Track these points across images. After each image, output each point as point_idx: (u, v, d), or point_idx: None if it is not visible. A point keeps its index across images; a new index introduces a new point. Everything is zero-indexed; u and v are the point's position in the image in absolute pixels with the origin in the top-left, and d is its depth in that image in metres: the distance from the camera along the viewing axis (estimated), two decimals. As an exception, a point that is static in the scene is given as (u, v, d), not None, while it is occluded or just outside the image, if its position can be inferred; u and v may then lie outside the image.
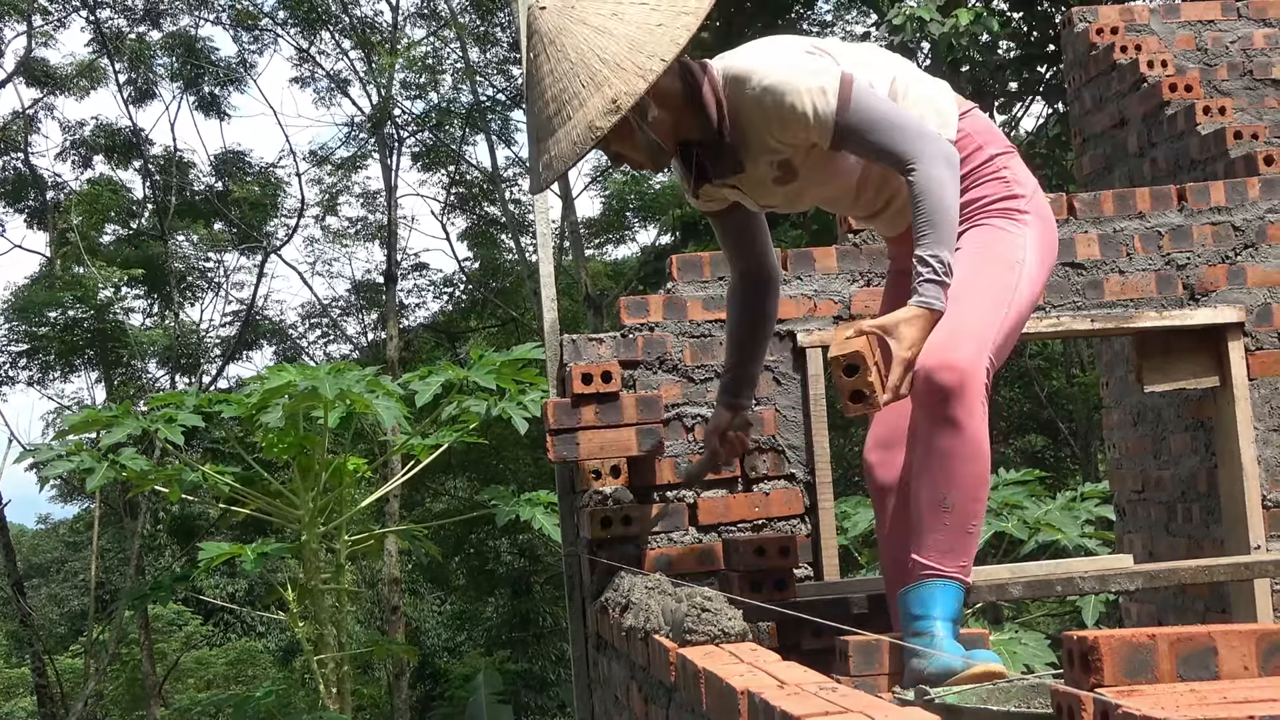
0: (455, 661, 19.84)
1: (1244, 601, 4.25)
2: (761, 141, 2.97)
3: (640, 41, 2.78)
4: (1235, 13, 5.84)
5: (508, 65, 21.19)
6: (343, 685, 7.07)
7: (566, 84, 2.80)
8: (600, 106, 2.75)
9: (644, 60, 2.76)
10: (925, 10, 11.14)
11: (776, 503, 3.87)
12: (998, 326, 2.85)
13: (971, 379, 2.74)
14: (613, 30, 2.80)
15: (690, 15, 2.81)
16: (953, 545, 2.76)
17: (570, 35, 2.82)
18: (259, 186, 21.48)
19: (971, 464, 2.76)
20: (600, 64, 2.77)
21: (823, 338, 3.94)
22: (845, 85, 2.86)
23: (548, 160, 2.85)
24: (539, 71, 2.86)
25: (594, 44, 2.79)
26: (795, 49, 2.96)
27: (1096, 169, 6.00)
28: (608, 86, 2.75)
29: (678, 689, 2.30)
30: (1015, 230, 2.97)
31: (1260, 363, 4.21)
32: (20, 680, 20.83)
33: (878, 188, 3.06)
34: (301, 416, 6.47)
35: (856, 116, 2.85)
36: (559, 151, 2.81)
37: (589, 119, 2.76)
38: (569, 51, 2.81)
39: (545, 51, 2.85)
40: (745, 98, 2.91)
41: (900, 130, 2.85)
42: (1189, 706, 1.39)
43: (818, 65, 2.89)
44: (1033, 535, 7.26)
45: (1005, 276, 2.91)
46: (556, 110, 2.81)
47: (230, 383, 20.16)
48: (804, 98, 2.85)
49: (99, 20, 19.71)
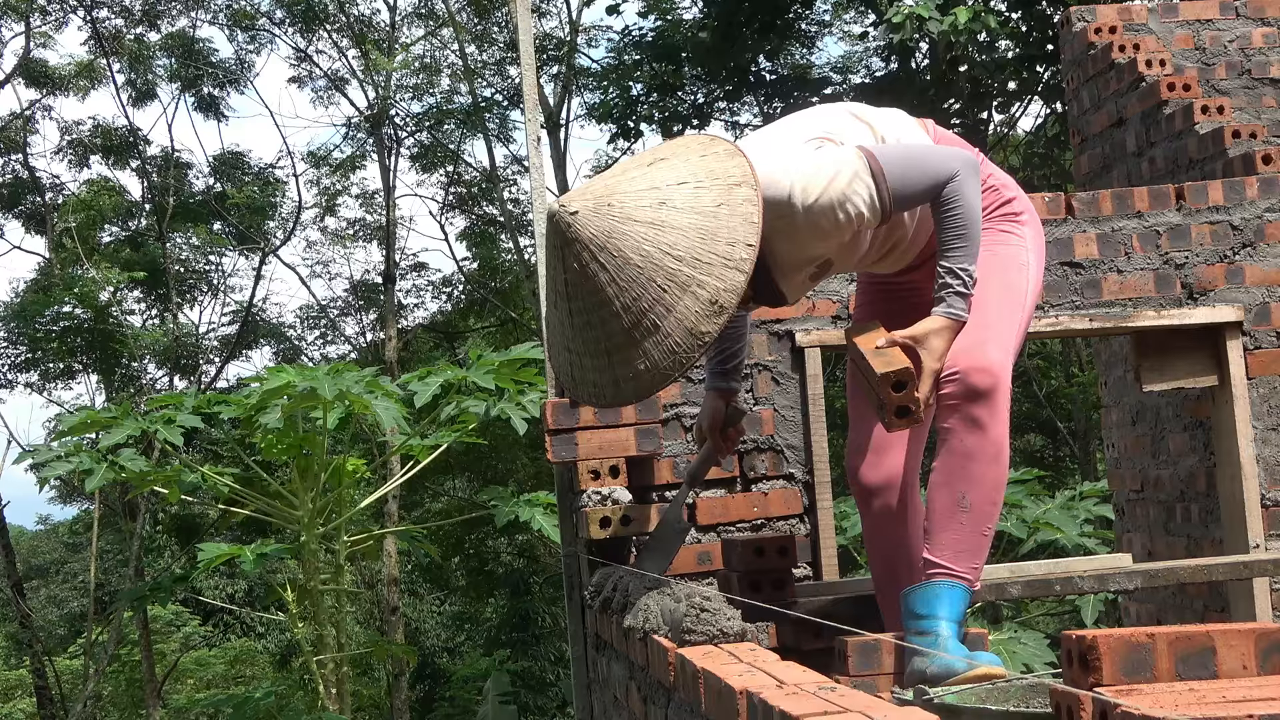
0: (455, 662, 19.85)
1: (1243, 601, 4.25)
2: (804, 256, 2.85)
3: (711, 230, 2.56)
4: (1233, 12, 5.85)
5: (505, 65, 21.18)
6: (342, 686, 7.07)
7: (641, 291, 2.54)
8: (699, 309, 2.53)
9: (728, 250, 2.55)
10: (924, 9, 11.15)
11: (775, 503, 3.87)
12: (1016, 329, 2.90)
13: (1002, 382, 2.78)
14: (673, 223, 2.57)
15: (744, 186, 2.62)
16: (966, 546, 2.77)
17: (625, 238, 2.55)
18: (257, 188, 21.47)
19: (993, 466, 2.78)
20: (677, 263, 2.54)
21: (821, 337, 3.94)
22: (871, 161, 2.77)
23: (635, 374, 2.60)
24: (593, 282, 2.56)
25: (659, 242, 2.55)
26: (805, 147, 2.83)
27: (1095, 168, 6.00)
28: (699, 287, 2.53)
29: (677, 689, 2.30)
30: (1016, 232, 3.02)
31: (1259, 362, 4.21)
32: (19, 681, 20.81)
33: (883, 241, 3.04)
34: (300, 417, 6.47)
35: (895, 182, 2.76)
36: (652, 363, 2.56)
37: (688, 325, 2.54)
38: (631, 255, 2.55)
39: (597, 260, 2.55)
40: (784, 222, 2.74)
41: (930, 163, 2.82)
42: (1188, 706, 1.39)
43: (838, 159, 2.77)
44: (1032, 534, 7.26)
45: (1016, 280, 2.95)
46: (635, 322, 2.55)
47: (229, 383, 20.16)
48: (850, 200, 2.73)
49: (95, 20, 19.69)
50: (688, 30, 15.06)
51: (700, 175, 2.64)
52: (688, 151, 2.72)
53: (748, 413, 3.34)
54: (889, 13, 11.29)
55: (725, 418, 3.25)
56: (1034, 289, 3.00)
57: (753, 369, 3.92)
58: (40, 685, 17.37)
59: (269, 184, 21.82)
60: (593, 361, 2.65)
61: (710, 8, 14.08)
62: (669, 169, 2.67)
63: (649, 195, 2.60)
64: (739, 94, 15.84)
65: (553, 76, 20.58)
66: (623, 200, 2.59)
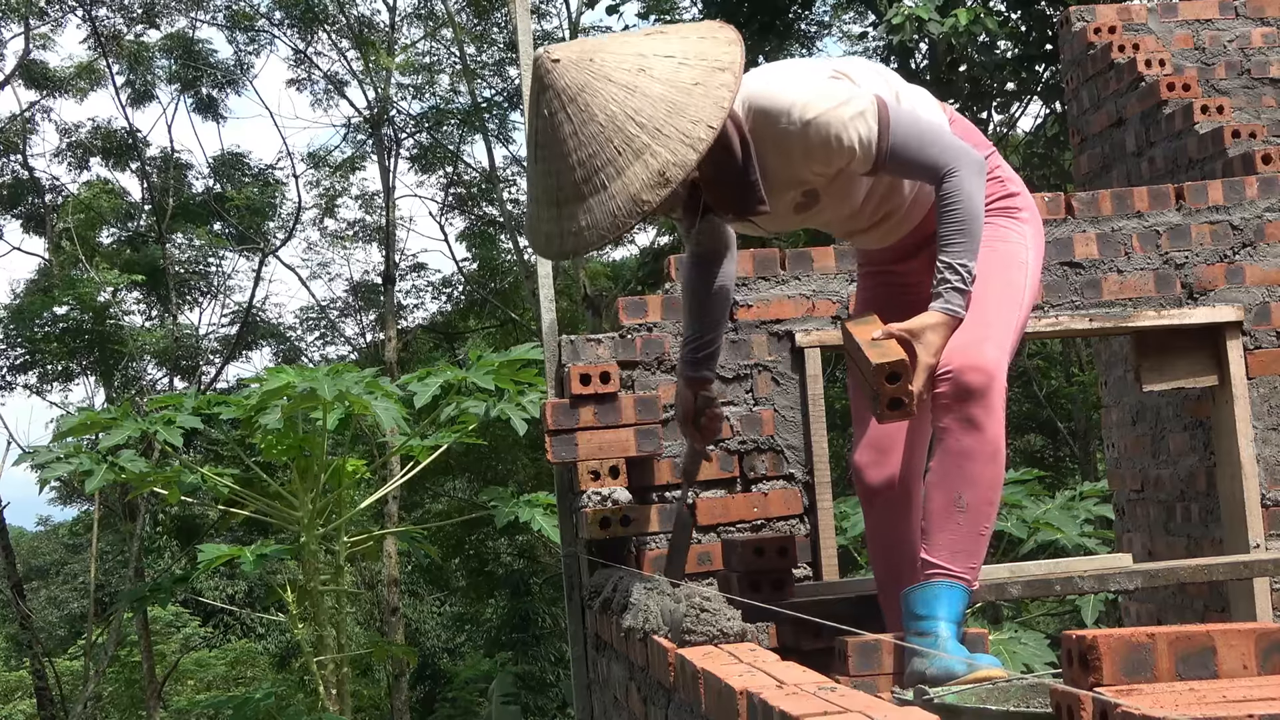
0: (456, 663, 19.84)
1: (1243, 600, 4.25)
2: (793, 174, 2.86)
3: (680, 105, 2.57)
4: (1233, 11, 5.85)
5: (504, 66, 21.18)
6: (342, 687, 7.07)
7: (598, 148, 2.57)
8: (645, 178, 2.54)
9: (689, 126, 2.55)
10: (924, 10, 11.14)
11: (775, 503, 3.87)
12: (1014, 328, 2.89)
13: (997, 381, 2.78)
14: (645, 90, 2.58)
15: (727, 72, 2.62)
16: (964, 546, 2.76)
17: (595, 94, 2.58)
18: (257, 189, 21.47)
19: (989, 465, 2.77)
20: (637, 129, 2.56)
21: (821, 338, 3.94)
22: (882, 109, 2.79)
23: (577, 230, 2.62)
24: (558, 132, 2.60)
25: (626, 105, 2.57)
26: (818, 76, 2.85)
27: (1094, 168, 6.00)
28: (650, 156, 2.54)
29: (677, 689, 2.30)
30: (1016, 229, 3.00)
31: (1259, 361, 4.21)
32: (19, 683, 20.81)
33: (878, 203, 3.03)
34: (300, 418, 6.47)
35: (898, 139, 2.78)
36: (592, 221, 2.59)
37: (632, 191, 2.55)
38: (596, 112, 2.57)
39: (565, 110, 2.59)
40: (778, 133, 2.77)
41: (935, 144, 2.82)
42: (1188, 705, 1.39)
43: (850, 92, 2.80)
44: (1032, 535, 7.26)
45: (1015, 277, 2.95)
46: (586, 177, 2.58)
47: (229, 384, 20.16)
48: (849, 128, 2.75)
49: (94, 19, 19.68)
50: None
51: (689, 53, 2.66)
52: (690, 33, 2.74)
53: (718, 398, 3.27)
54: (889, 14, 11.29)
55: (695, 407, 3.19)
56: (1032, 288, 2.99)
57: (753, 369, 3.92)
58: (40, 686, 17.37)
59: (268, 184, 21.82)
60: (546, 211, 2.69)
61: (709, 8, 14.07)
62: (663, 41, 2.70)
63: (632, 60, 2.63)
64: (739, 94, 15.80)
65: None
66: (605, 59, 2.63)
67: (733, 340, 3.91)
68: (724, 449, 3.89)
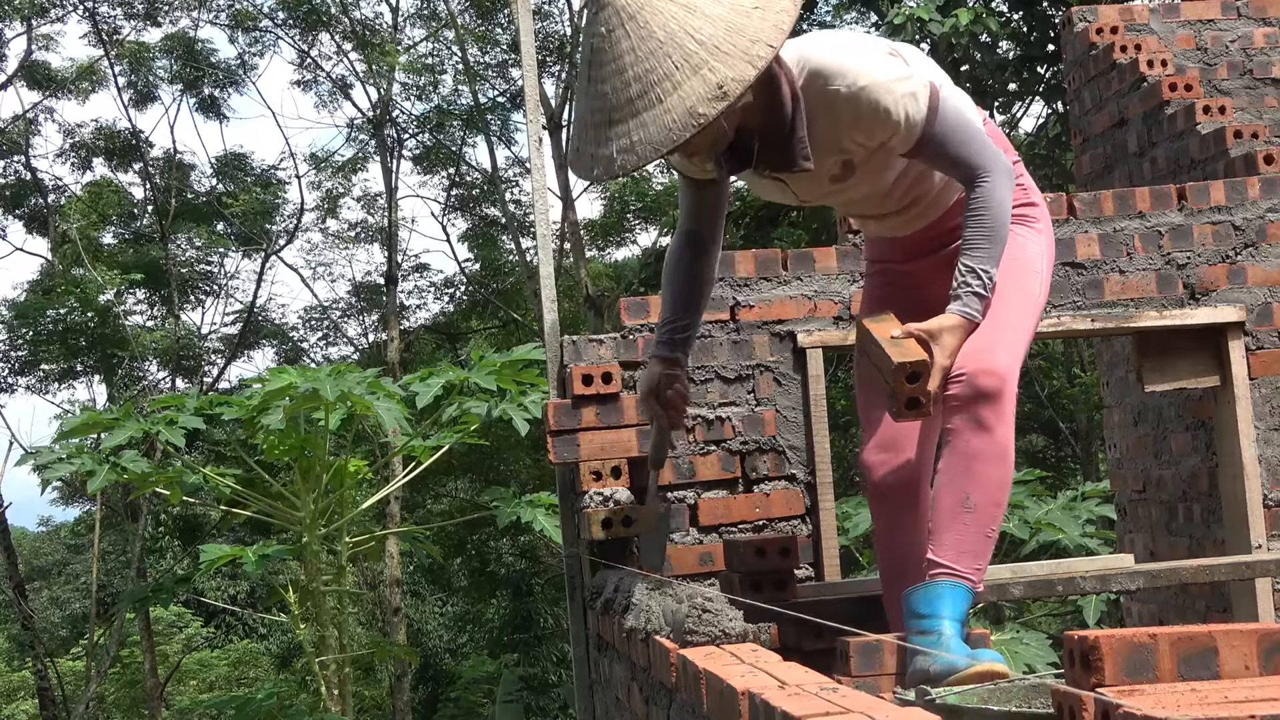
0: (458, 663, 19.84)
1: (1245, 601, 4.24)
2: (835, 140, 2.86)
3: (739, 25, 2.59)
4: (1235, 12, 5.84)
5: (507, 66, 21.19)
6: (344, 687, 7.07)
7: (655, 64, 2.58)
8: (703, 91, 2.55)
9: (748, 45, 2.57)
10: (925, 10, 11.14)
11: (777, 503, 3.87)
12: (1026, 335, 2.91)
13: (1009, 385, 2.79)
14: (705, 10, 2.60)
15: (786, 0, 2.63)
16: (970, 547, 2.77)
17: (655, 12, 2.60)
18: (260, 189, 21.48)
19: (997, 467, 2.78)
20: (697, 45, 2.57)
21: (823, 338, 3.94)
22: (934, 95, 2.82)
23: (627, 145, 2.61)
24: (615, 48, 2.62)
25: (686, 23, 2.59)
26: (878, 49, 2.88)
27: (1096, 169, 6.00)
28: (709, 71, 2.55)
29: (679, 690, 2.30)
30: (1033, 237, 3.03)
31: (1261, 362, 4.20)
32: (22, 683, 20.83)
33: (907, 188, 3.04)
34: (302, 418, 6.47)
35: (943, 126, 2.82)
36: (646, 136, 2.59)
37: (688, 104, 2.55)
38: (655, 29, 2.59)
39: (624, 26, 2.61)
40: (829, 94, 2.78)
41: (977, 143, 2.85)
42: (1190, 706, 1.39)
43: (905, 70, 2.82)
44: (1034, 535, 7.26)
45: (1030, 285, 2.97)
46: (642, 92, 2.59)
47: (231, 384, 20.16)
48: (900, 103, 2.78)
49: (96, 18, 19.67)
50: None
51: None
52: None
53: (683, 376, 3.18)
54: (890, 14, 11.29)
55: (658, 382, 3.09)
56: (1044, 294, 3.03)
57: (755, 370, 3.92)
58: (42, 687, 17.38)
59: (271, 184, 21.83)
60: (593, 133, 2.67)
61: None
62: None
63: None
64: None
65: (555, 77, 20.59)
66: None
67: (735, 341, 3.92)
68: (726, 450, 3.89)
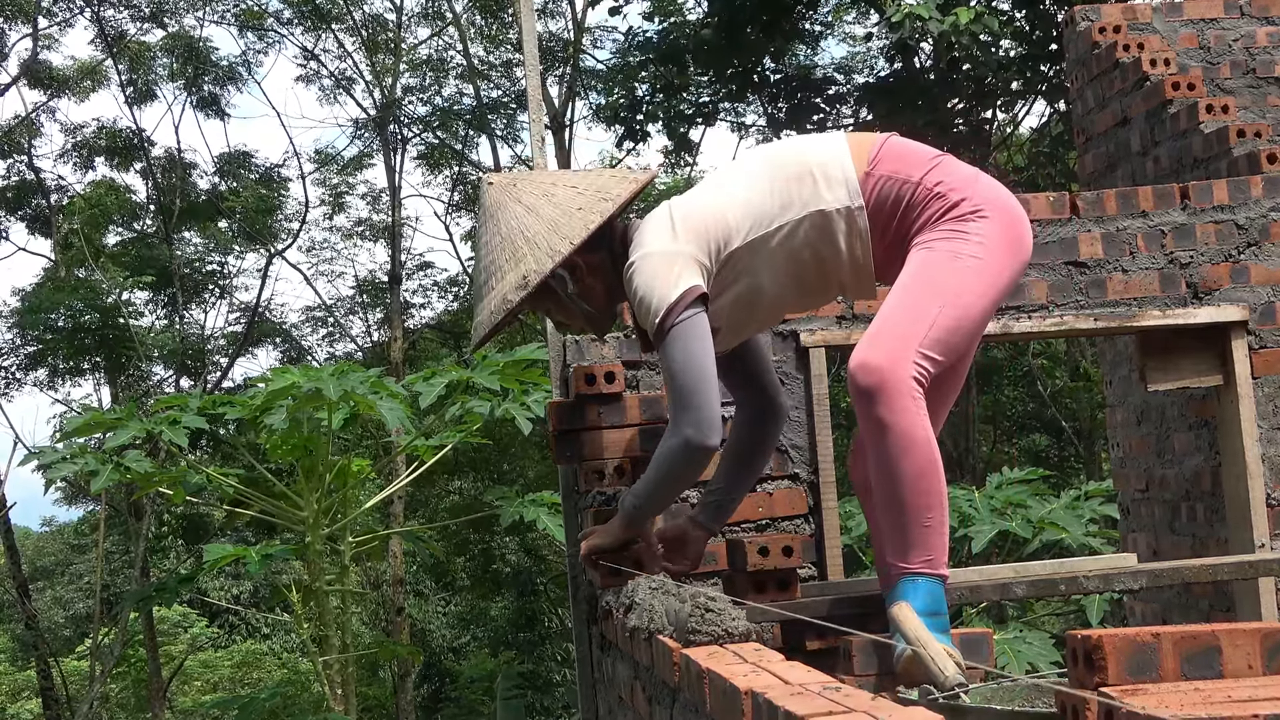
0: (461, 662, 19.86)
1: (1248, 600, 4.24)
2: None
3: (559, 223, 2.99)
4: (1238, 11, 5.84)
5: (511, 66, 21.20)
6: (348, 686, 7.08)
7: (495, 257, 3.05)
8: (514, 281, 2.98)
9: (557, 241, 2.97)
10: (924, 9, 11.13)
11: (780, 503, 3.87)
12: (929, 323, 2.83)
13: (890, 376, 2.77)
14: (540, 211, 3.02)
15: (609, 202, 3.00)
16: (912, 541, 2.80)
17: (506, 211, 3.05)
18: (263, 188, 21.47)
19: (905, 459, 2.77)
20: (523, 241, 3.00)
21: (825, 338, 3.94)
22: (679, 307, 2.88)
23: (475, 323, 3.11)
24: (480, 240, 3.12)
25: (523, 222, 3.02)
26: (664, 243, 2.95)
27: (1099, 168, 6.00)
28: (520, 263, 2.98)
29: (681, 689, 2.30)
30: (962, 234, 2.92)
31: (1264, 361, 4.20)
32: (26, 683, 20.85)
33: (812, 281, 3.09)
34: (305, 418, 6.47)
35: (668, 348, 2.89)
36: (481, 318, 3.06)
37: (503, 292, 2.99)
38: (501, 226, 3.05)
39: (486, 224, 3.10)
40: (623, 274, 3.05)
41: (682, 392, 2.89)
42: (1193, 706, 1.39)
43: (673, 272, 2.90)
44: (1037, 534, 7.25)
45: (939, 277, 2.88)
46: (485, 280, 3.06)
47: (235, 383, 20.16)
48: (650, 297, 2.90)
49: (101, 19, 19.68)
50: (692, 30, 15.05)
51: (594, 185, 3.07)
52: (610, 173, 3.16)
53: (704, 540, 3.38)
54: (890, 12, 11.28)
55: (686, 538, 3.31)
56: (980, 279, 2.89)
57: (757, 369, 3.92)
58: (46, 687, 17.40)
59: (274, 182, 21.82)
60: (475, 305, 3.16)
61: (713, 7, 14.06)
62: (583, 176, 3.14)
63: (546, 188, 3.09)
64: (743, 94, 15.82)
65: (558, 77, 20.59)
66: (526, 186, 3.10)
67: (737, 340, 3.91)
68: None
